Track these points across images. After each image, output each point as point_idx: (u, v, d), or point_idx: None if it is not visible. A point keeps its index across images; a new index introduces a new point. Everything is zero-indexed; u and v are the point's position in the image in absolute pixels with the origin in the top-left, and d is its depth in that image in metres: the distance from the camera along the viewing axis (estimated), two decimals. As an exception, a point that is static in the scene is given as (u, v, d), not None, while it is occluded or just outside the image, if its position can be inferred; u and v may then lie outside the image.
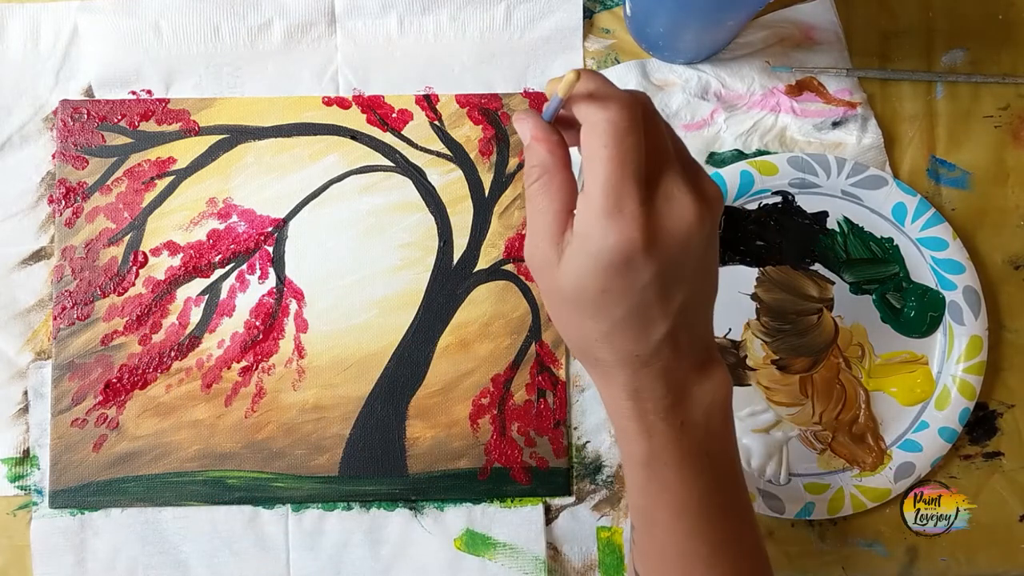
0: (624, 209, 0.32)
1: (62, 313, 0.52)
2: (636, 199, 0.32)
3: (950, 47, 0.55)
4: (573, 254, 0.34)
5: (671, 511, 0.36)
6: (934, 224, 0.52)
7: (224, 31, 0.54)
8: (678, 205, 0.33)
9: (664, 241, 0.33)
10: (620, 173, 0.32)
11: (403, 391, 0.52)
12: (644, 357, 0.35)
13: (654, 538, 0.38)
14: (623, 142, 0.32)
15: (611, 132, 0.32)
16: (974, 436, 0.53)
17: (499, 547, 0.51)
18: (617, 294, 0.33)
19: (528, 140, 0.35)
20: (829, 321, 0.53)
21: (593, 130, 0.33)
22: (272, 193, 0.53)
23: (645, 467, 0.36)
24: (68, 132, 0.53)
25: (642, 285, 0.33)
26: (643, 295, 0.33)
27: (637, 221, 0.32)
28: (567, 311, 0.35)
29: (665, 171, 0.34)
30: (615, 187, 0.32)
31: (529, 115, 0.36)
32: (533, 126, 0.35)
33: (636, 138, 0.32)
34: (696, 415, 0.36)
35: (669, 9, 0.49)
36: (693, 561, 0.37)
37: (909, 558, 0.52)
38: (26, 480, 0.51)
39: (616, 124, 0.32)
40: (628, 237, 0.32)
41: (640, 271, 0.33)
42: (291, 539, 0.51)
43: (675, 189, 0.33)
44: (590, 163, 0.33)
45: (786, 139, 0.54)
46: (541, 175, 0.35)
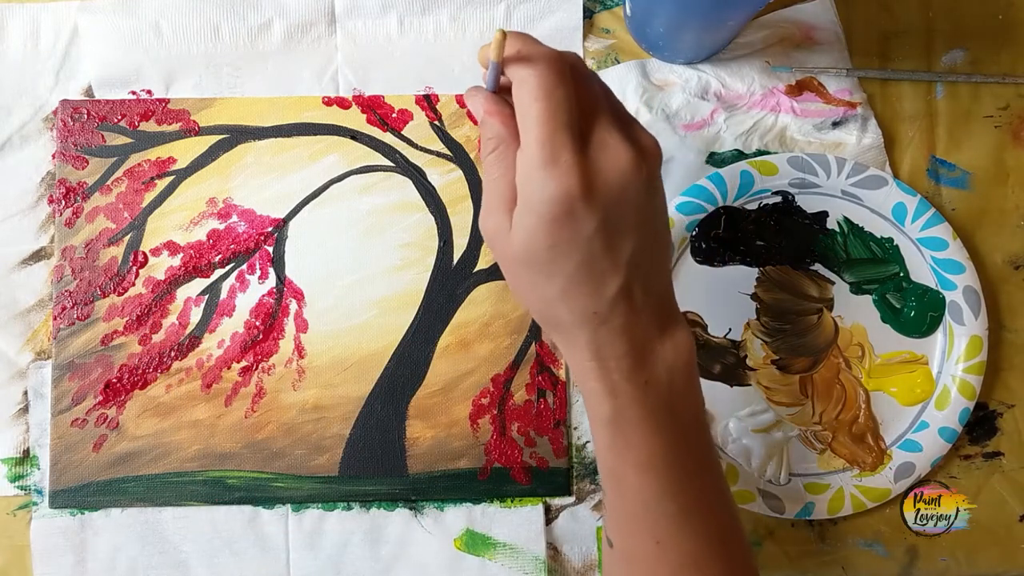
0: (560, 159, 0.33)
1: (62, 313, 0.52)
2: (570, 149, 0.33)
3: (950, 47, 0.55)
4: (519, 214, 0.34)
5: (637, 469, 0.37)
6: (934, 224, 0.52)
7: (224, 31, 0.54)
8: (613, 153, 0.34)
9: (602, 189, 0.33)
10: (552, 125, 0.33)
11: (403, 391, 0.52)
12: (602, 314, 0.35)
13: (623, 498, 0.38)
14: (552, 95, 0.33)
15: (540, 86, 0.33)
16: (974, 436, 0.53)
17: (499, 547, 0.51)
18: (564, 247, 0.34)
19: (481, 115, 0.36)
20: (829, 321, 0.53)
21: (523, 86, 0.34)
22: (272, 193, 0.53)
23: (610, 426, 0.37)
24: (68, 132, 0.53)
25: (587, 236, 0.34)
26: (590, 247, 0.34)
27: (573, 170, 0.33)
28: (522, 274, 0.36)
29: (598, 122, 0.35)
30: (549, 139, 0.33)
31: (479, 91, 0.37)
32: (484, 100, 0.36)
33: (565, 90, 0.33)
34: (659, 374, 0.36)
35: (669, 9, 0.49)
36: (661, 520, 0.37)
37: (909, 558, 0.52)
38: (26, 480, 0.51)
39: (544, 77, 0.33)
40: (566, 186, 0.33)
41: (582, 221, 0.33)
42: (291, 539, 0.51)
43: (608, 138, 0.34)
44: (524, 119, 0.34)
45: (786, 139, 0.54)
46: (496, 146, 0.36)
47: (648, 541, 0.37)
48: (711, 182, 0.52)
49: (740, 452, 0.51)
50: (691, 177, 0.53)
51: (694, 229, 0.53)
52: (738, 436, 0.52)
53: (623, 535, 0.39)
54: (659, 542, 0.37)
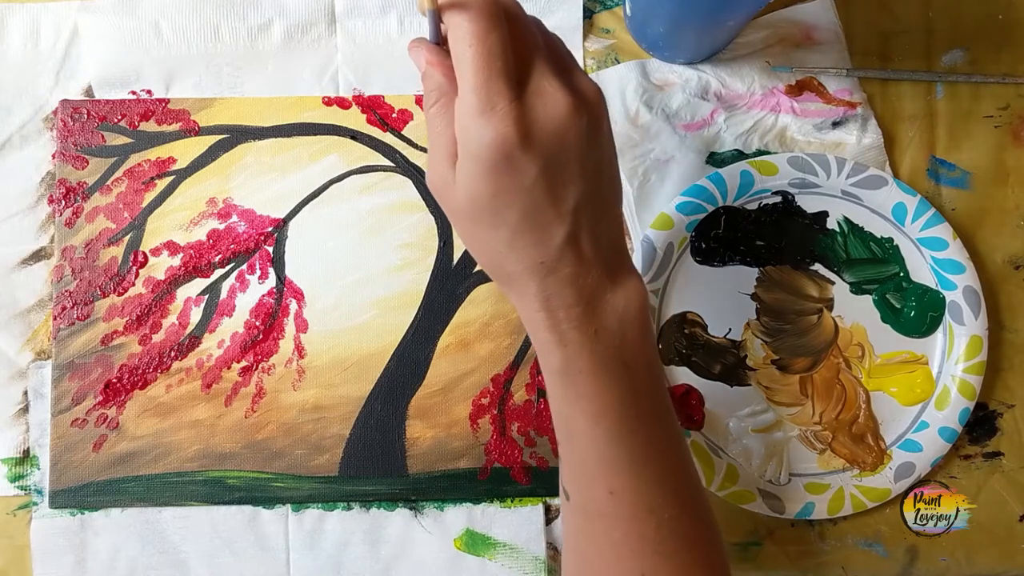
0: (496, 106, 0.33)
1: (62, 313, 0.52)
2: (506, 96, 0.33)
3: (950, 47, 0.55)
4: (460, 164, 0.34)
5: (589, 418, 0.36)
6: (934, 224, 0.52)
7: (224, 31, 0.54)
8: (551, 100, 0.34)
9: (539, 135, 0.33)
10: (487, 72, 0.33)
11: (403, 391, 0.52)
12: (549, 263, 0.35)
13: (575, 449, 0.38)
14: (485, 40, 0.33)
15: (473, 32, 0.33)
16: (974, 436, 0.53)
17: (499, 547, 0.51)
18: (506, 196, 0.34)
19: (423, 66, 0.36)
20: (829, 321, 0.53)
21: (457, 32, 0.33)
22: (272, 193, 0.53)
23: (561, 376, 0.36)
24: (68, 132, 0.53)
25: (529, 184, 0.33)
26: (532, 194, 0.34)
27: (509, 116, 0.33)
28: (469, 226, 0.36)
29: (535, 68, 0.34)
30: (483, 85, 0.33)
31: (421, 42, 0.37)
32: (426, 51, 0.36)
33: (499, 35, 0.33)
34: (610, 323, 0.36)
35: (669, 9, 0.49)
36: (614, 469, 0.37)
37: (909, 558, 0.52)
38: (26, 480, 0.51)
39: (477, 23, 0.33)
40: (502, 133, 0.33)
41: (523, 168, 0.33)
42: (291, 539, 0.51)
43: (546, 84, 0.34)
44: (459, 66, 0.34)
45: (786, 139, 0.54)
46: (438, 98, 0.35)
47: (602, 491, 0.37)
48: (711, 182, 0.52)
49: (740, 452, 0.51)
50: (691, 177, 0.53)
51: (694, 229, 0.53)
52: (738, 436, 0.52)
53: (578, 486, 0.39)
54: (613, 492, 0.37)
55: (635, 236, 0.53)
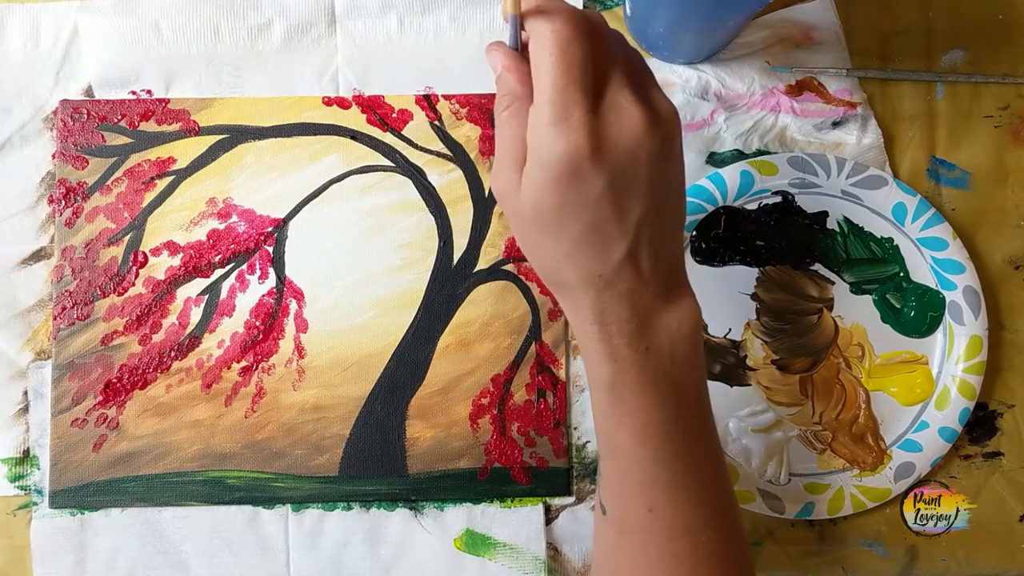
0: (571, 117, 0.32)
1: (62, 313, 0.52)
2: (582, 107, 0.33)
3: (950, 47, 0.55)
4: (528, 171, 0.34)
5: (634, 436, 0.36)
6: (934, 224, 0.52)
7: (224, 31, 0.54)
8: (626, 115, 0.34)
9: (611, 150, 0.33)
10: (565, 81, 0.32)
11: (403, 391, 0.52)
12: (607, 277, 0.35)
13: (617, 464, 0.38)
14: (567, 51, 0.33)
15: (555, 41, 0.33)
16: (974, 436, 0.53)
17: (499, 547, 0.51)
18: (572, 208, 0.34)
19: (498, 70, 0.36)
20: (829, 321, 0.53)
21: (539, 40, 0.33)
22: (272, 193, 0.53)
23: (609, 391, 0.36)
24: (68, 132, 0.53)
25: (595, 197, 0.33)
26: (598, 208, 0.34)
27: (584, 128, 0.32)
28: (530, 233, 0.36)
29: (612, 82, 0.34)
30: (561, 95, 0.32)
31: (499, 46, 0.36)
32: (503, 55, 0.36)
33: (581, 47, 0.33)
34: (661, 342, 0.36)
35: (669, 9, 0.49)
36: (655, 488, 0.37)
37: (909, 558, 0.52)
38: (26, 480, 0.51)
39: (560, 33, 0.33)
40: (575, 144, 0.32)
41: (591, 181, 0.33)
42: (291, 539, 0.51)
43: (622, 99, 0.34)
44: (537, 74, 0.33)
45: (786, 139, 0.54)
46: (511, 103, 0.35)
47: (641, 508, 0.37)
48: (711, 182, 0.52)
49: (740, 452, 0.51)
50: (691, 177, 0.53)
51: (694, 229, 0.53)
52: (738, 436, 0.52)
53: (616, 501, 0.39)
54: (652, 509, 0.37)
55: (635, 236, 0.53)
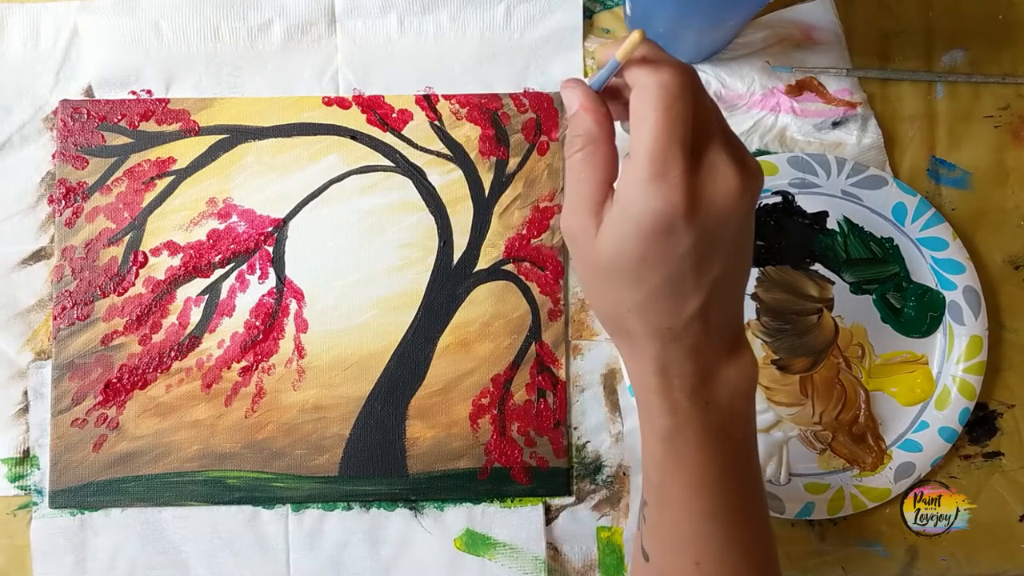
0: (669, 175, 0.32)
1: (62, 313, 0.52)
2: (682, 165, 0.32)
3: (950, 47, 0.55)
4: (613, 220, 0.34)
5: (688, 489, 0.36)
6: (934, 224, 0.52)
7: (224, 31, 0.54)
8: (722, 176, 0.33)
9: (706, 210, 0.33)
10: (668, 138, 0.32)
11: (403, 391, 0.52)
12: (675, 331, 0.35)
13: (667, 515, 0.38)
14: (672, 107, 0.32)
15: (662, 96, 0.32)
16: (974, 436, 0.53)
17: (499, 547, 0.51)
18: (655, 261, 0.33)
19: (575, 109, 0.35)
20: (829, 321, 0.53)
21: (644, 93, 0.33)
22: (272, 193, 0.53)
23: (665, 442, 0.36)
24: (68, 132, 0.53)
25: (680, 254, 0.33)
26: (680, 264, 0.34)
27: (682, 187, 0.32)
28: (602, 280, 0.36)
29: (711, 142, 0.34)
30: (662, 151, 0.32)
31: (578, 84, 0.36)
32: (582, 95, 0.35)
33: (685, 105, 0.33)
34: (721, 396, 0.36)
35: (669, 9, 0.49)
36: (705, 541, 0.37)
37: (909, 558, 0.52)
38: (26, 480, 0.51)
39: (668, 88, 0.32)
40: (672, 202, 0.32)
41: (680, 238, 0.33)
42: (291, 539, 0.51)
43: (719, 160, 0.34)
44: (638, 127, 0.33)
45: (786, 139, 0.54)
46: (586, 144, 0.35)
47: (688, 561, 0.37)
48: (711, 182, 0.52)
49: (740, 452, 0.51)
50: (691, 177, 0.53)
51: (694, 229, 0.53)
52: (738, 436, 0.52)
53: (663, 552, 0.39)
54: (699, 563, 0.37)
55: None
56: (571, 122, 0.36)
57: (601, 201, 0.34)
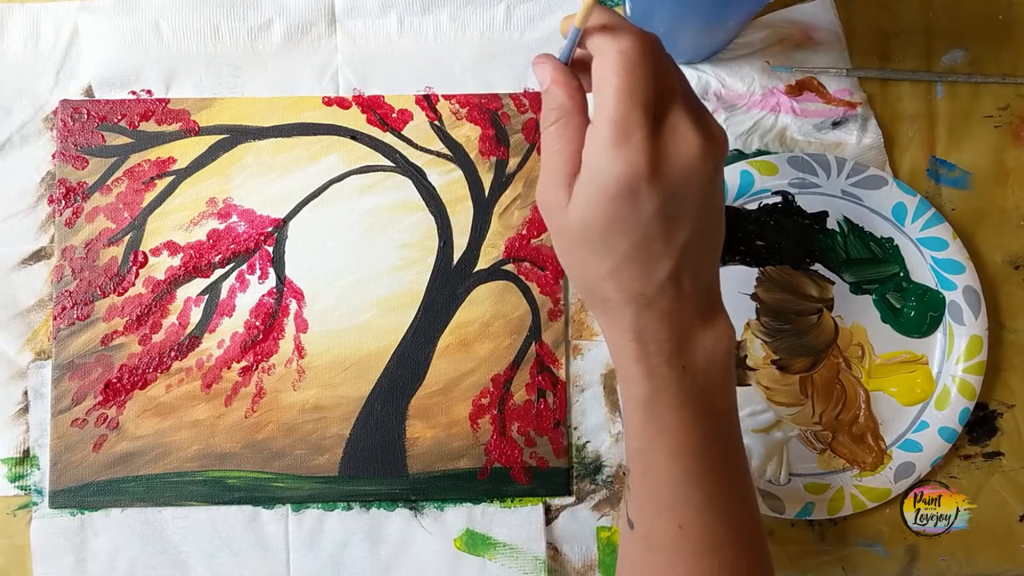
0: (631, 139, 0.33)
1: (62, 313, 0.52)
2: (644, 129, 0.33)
3: (950, 47, 0.55)
4: (580, 187, 0.34)
5: (667, 453, 0.37)
6: (934, 224, 0.52)
7: (224, 31, 0.54)
8: (683, 139, 0.34)
9: (668, 173, 0.33)
10: (629, 103, 0.33)
11: (403, 391, 0.52)
12: (649, 296, 0.35)
13: (649, 481, 0.38)
14: (633, 72, 0.33)
15: (622, 62, 0.33)
16: (974, 436, 0.53)
17: (499, 547, 0.51)
18: (623, 226, 0.34)
19: (547, 83, 0.36)
20: (829, 321, 0.53)
21: (605, 59, 0.33)
22: (272, 193, 0.53)
23: (644, 408, 0.37)
24: (68, 132, 0.53)
25: (647, 217, 0.34)
26: (647, 228, 0.34)
27: (644, 151, 0.33)
28: (575, 249, 0.36)
29: (672, 106, 0.34)
30: (624, 117, 0.33)
31: (548, 58, 0.36)
32: (552, 68, 0.36)
33: (646, 70, 0.33)
34: (698, 361, 0.36)
35: (669, 9, 0.49)
36: (686, 505, 0.37)
37: (909, 558, 0.52)
38: (26, 480, 0.51)
39: (627, 54, 0.33)
40: (634, 165, 0.33)
41: (645, 201, 0.33)
42: (291, 539, 0.51)
43: (681, 124, 0.34)
44: (600, 92, 0.33)
45: (786, 139, 0.54)
46: (559, 118, 0.35)
47: (671, 525, 0.37)
48: (711, 182, 0.52)
49: (740, 452, 0.51)
50: (691, 177, 0.53)
51: (694, 229, 0.53)
52: (738, 436, 0.52)
53: (646, 518, 0.39)
54: (682, 527, 0.37)
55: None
56: (544, 97, 0.36)
57: (573, 173, 0.35)
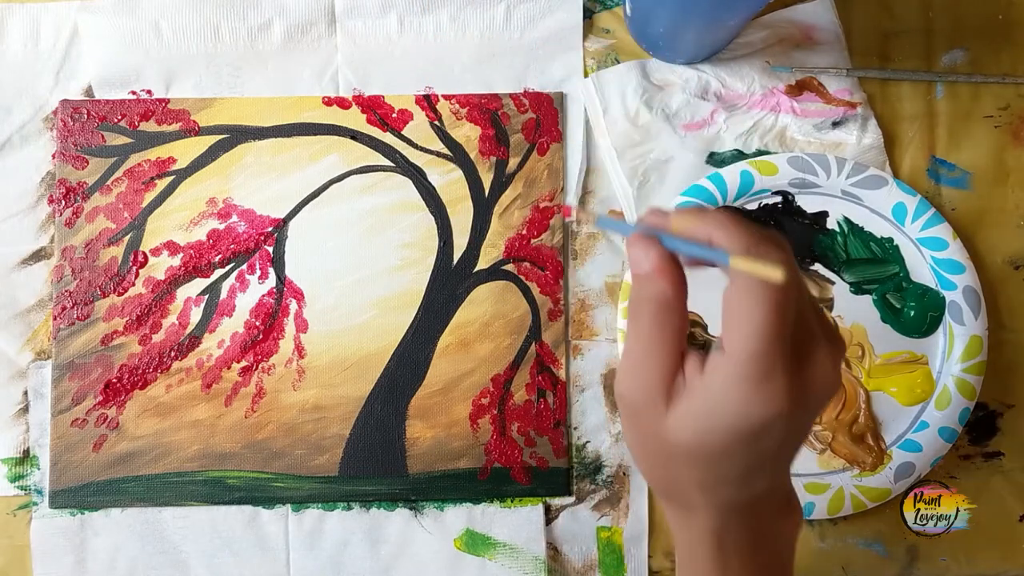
0: (774, 379, 0.30)
1: (62, 313, 0.52)
2: (786, 370, 0.30)
3: (950, 47, 0.55)
4: (696, 411, 0.31)
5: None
6: (934, 224, 0.52)
7: (224, 31, 0.54)
8: (822, 369, 0.32)
9: (807, 406, 0.31)
10: (774, 341, 0.30)
11: (403, 391, 0.52)
12: (739, 503, 0.34)
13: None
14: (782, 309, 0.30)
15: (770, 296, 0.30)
16: (974, 436, 0.53)
17: (499, 547, 0.51)
18: (740, 456, 0.32)
19: (647, 269, 0.32)
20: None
21: (750, 287, 0.30)
22: (272, 193, 0.53)
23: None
24: (68, 132, 0.53)
25: (769, 446, 0.32)
26: (764, 455, 0.32)
27: (786, 391, 0.30)
28: (666, 457, 0.33)
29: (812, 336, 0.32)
30: (767, 355, 0.30)
31: (652, 244, 0.32)
32: (657, 257, 0.32)
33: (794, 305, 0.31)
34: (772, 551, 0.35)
35: (669, 9, 0.49)
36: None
37: (909, 558, 0.52)
38: (26, 480, 0.51)
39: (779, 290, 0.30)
40: (775, 407, 0.30)
41: (774, 435, 0.31)
42: (291, 539, 0.51)
43: (821, 353, 0.32)
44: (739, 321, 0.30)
45: (786, 139, 0.54)
46: (656, 312, 0.32)
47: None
48: (711, 182, 0.52)
49: (740, 452, 0.51)
50: (691, 177, 0.53)
51: (694, 229, 0.53)
52: (738, 436, 0.52)
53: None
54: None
55: (635, 236, 0.53)
56: (638, 281, 0.32)
57: (672, 375, 0.32)
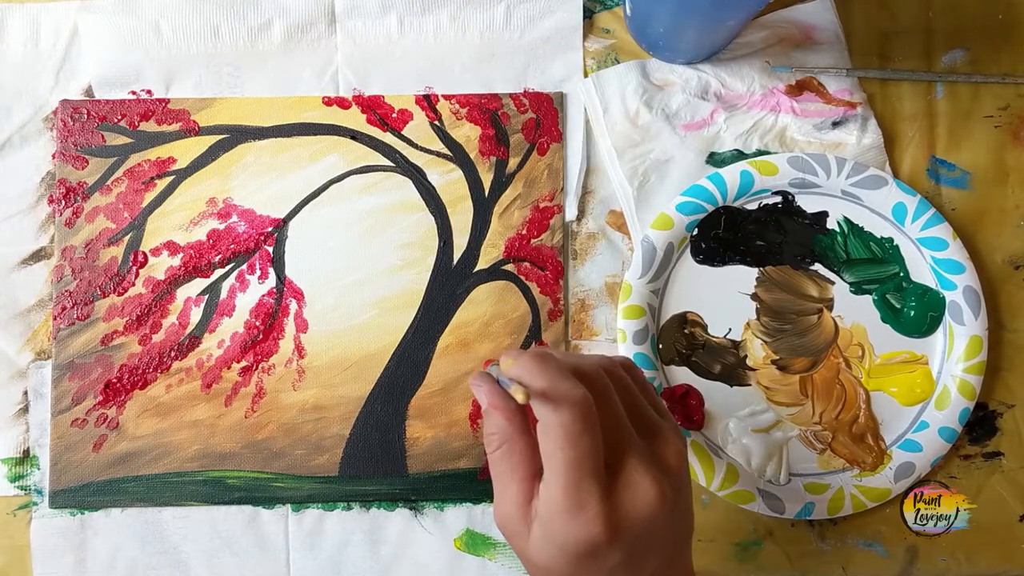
0: (585, 506, 0.32)
1: (62, 313, 0.52)
2: (596, 496, 0.33)
3: (950, 47, 0.55)
4: (539, 539, 0.34)
5: None
6: (934, 224, 0.52)
7: (224, 31, 0.54)
8: (640, 491, 0.34)
9: (628, 528, 0.33)
10: (578, 474, 0.32)
11: (403, 391, 0.52)
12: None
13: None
14: (578, 445, 0.33)
15: (565, 436, 0.33)
16: (974, 436, 0.53)
17: (499, 547, 0.51)
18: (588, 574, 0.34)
19: (485, 406, 0.35)
20: (829, 321, 0.53)
21: (548, 432, 0.33)
22: (272, 193, 0.53)
23: None
24: (68, 132, 0.53)
25: (611, 567, 0.33)
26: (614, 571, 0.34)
27: (599, 517, 0.32)
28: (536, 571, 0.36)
29: (626, 455, 0.34)
30: (575, 486, 0.32)
31: (485, 381, 0.36)
32: (489, 393, 0.35)
33: (591, 439, 0.33)
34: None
35: (669, 9, 0.49)
36: None
37: (909, 558, 0.52)
38: (26, 480, 0.51)
39: (569, 428, 0.33)
40: (591, 533, 0.32)
41: (607, 558, 0.33)
42: (291, 539, 0.51)
43: (636, 475, 0.34)
44: (548, 461, 0.33)
45: (786, 139, 0.54)
46: (501, 443, 0.35)
47: None
48: (711, 182, 0.52)
49: (740, 452, 0.51)
50: (691, 177, 0.53)
51: (694, 229, 0.53)
52: (738, 436, 0.52)
53: None
54: None
55: (635, 236, 0.53)
56: (485, 419, 0.36)
57: (527, 500, 0.34)
